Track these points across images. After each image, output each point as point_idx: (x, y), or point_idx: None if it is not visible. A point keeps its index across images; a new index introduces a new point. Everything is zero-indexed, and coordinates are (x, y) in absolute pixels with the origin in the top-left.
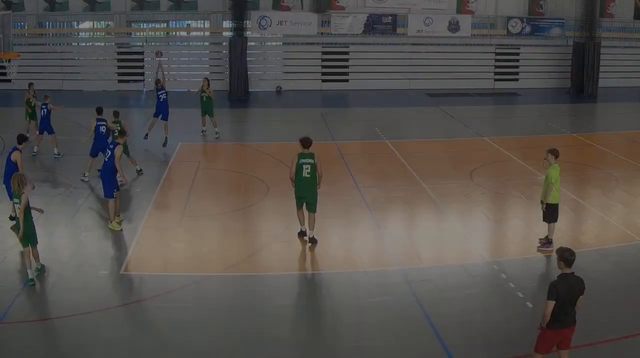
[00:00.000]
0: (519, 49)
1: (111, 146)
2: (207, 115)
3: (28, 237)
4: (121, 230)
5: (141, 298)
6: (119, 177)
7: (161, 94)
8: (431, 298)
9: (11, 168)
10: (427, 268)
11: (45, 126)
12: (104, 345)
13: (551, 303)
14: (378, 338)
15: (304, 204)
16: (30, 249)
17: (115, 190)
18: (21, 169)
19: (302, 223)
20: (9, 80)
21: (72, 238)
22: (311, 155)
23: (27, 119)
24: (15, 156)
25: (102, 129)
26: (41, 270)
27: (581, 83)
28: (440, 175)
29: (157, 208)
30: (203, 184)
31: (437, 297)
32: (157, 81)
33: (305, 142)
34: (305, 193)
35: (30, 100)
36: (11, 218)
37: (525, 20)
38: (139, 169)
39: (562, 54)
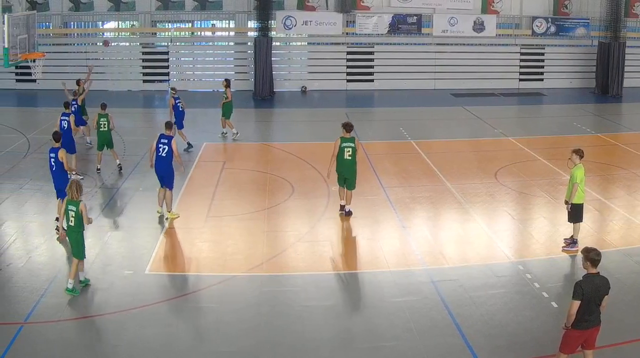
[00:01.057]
0: (544, 49)
1: (164, 140)
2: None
3: (78, 247)
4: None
5: (165, 298)
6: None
7: (179, 102)
8: (456, 298)
9: (59, 166)
10: (452, 268)
11: (76, 119)
12: (128, 345)
13: (576, 303)
14: (403, 338)
15: (345, 182)
16: (77, 261)
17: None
18: (67, 165)
19: (342, 198)
20: (34, 81)
21: (97, 238)
22: (352, 139)
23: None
24: (62, 154)
25: (64, 124)
26: (85, 282)
27: (606, 83)
28: (465, 175)
29: (181, 208)
30: (228, 184)
31: (462, 297)
32: (173, 89)
33: (347, 127)
34: (347, 173)
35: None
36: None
37: (550, 20)
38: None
39: (587, 54)
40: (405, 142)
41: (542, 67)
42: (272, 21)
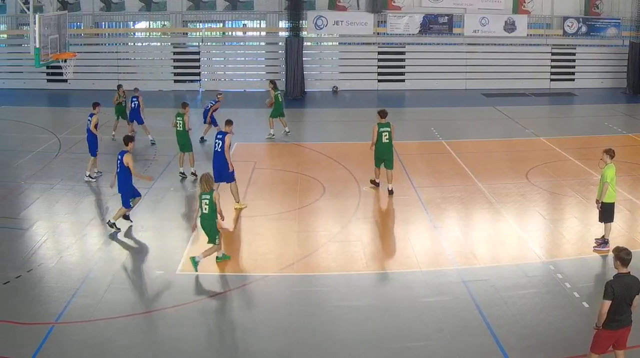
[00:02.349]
0: (575, 49)
1: (220, 136)
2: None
3: (212, 233)
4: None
5: (197, 298)
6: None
7: (210, 102)
8: (487, 298)
9: (124, 171)
10: (483, 268)
11: (136, 117)
12: (159, 346)
13: (607, 303)
14: (434, 338)
15: (383, 164)
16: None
17: (234, 173)
18: (134, 170)
19: (377, 177)
20: (66, 80)
21: (128, 238)
22: (388, 124)
23: (117, 117)
24: (127, 159)
25: (88, 124)
26: (222, 258)
27: (637, 83)
28: (497, 175)
29: None
30: (259, 184)
31: (493, 297)
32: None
33: (382, 113)
34: (385, 155)
35: (119, 101)
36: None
37: (581, 20)
38: (193, 171)
39: (618, 54)
40: (437, 142)
41: (573, 67)
42: (304, 21)
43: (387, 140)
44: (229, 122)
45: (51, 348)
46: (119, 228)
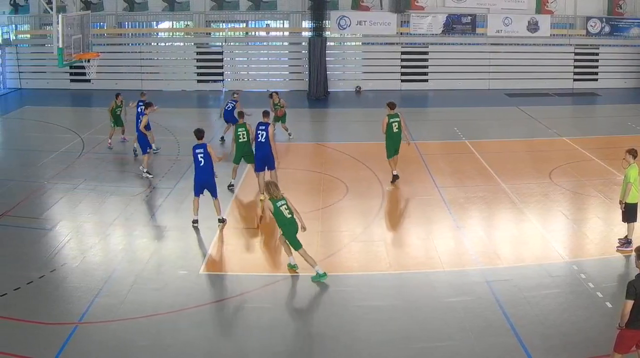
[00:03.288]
0: (598, 49)
1: (262, 127)
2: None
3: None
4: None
5: (220, 298)
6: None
7: (231, 103)
8: (510, 298)
9: (209, 162)
10: (507, 268)
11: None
12: (182, 346)
13: (629, 303)
14: (457, 338)
15: (395, 152)
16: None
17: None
18: (215, 159)
19: (394, 170)
20: (89, 81)
21: (151, 238)
22: (397, 114)
23: (113, 125)
24: (210, 149)
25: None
26: (322, 276)
27: None
28: (520, 175)
29: (235, 208)
30: (281, 184)
31: (517, 297)
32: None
33: (392, 105)
34: (397, 144)
35: (115, 109)
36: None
37: (604, 20)
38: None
39: None
40: (460, 142)
41: (597, 67)
42: (327, 21)
43: (397, 130)
44: (266, 113)
45: (74, 348)
46: (224, 219)
